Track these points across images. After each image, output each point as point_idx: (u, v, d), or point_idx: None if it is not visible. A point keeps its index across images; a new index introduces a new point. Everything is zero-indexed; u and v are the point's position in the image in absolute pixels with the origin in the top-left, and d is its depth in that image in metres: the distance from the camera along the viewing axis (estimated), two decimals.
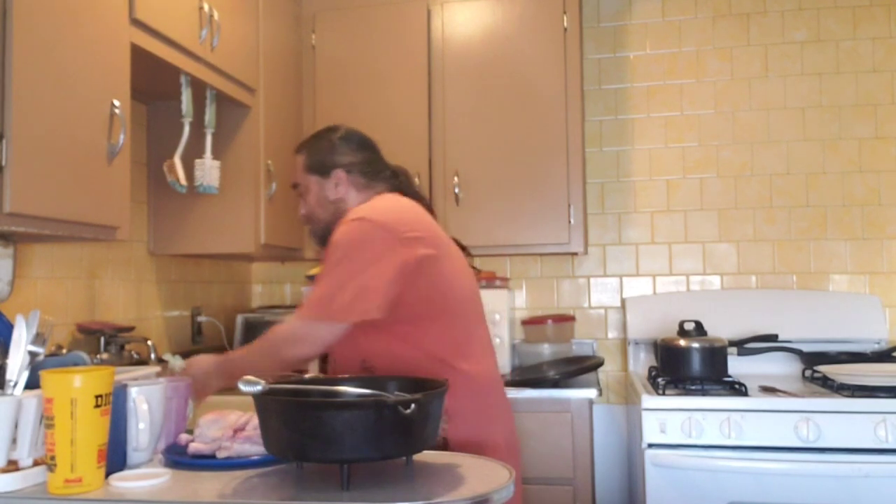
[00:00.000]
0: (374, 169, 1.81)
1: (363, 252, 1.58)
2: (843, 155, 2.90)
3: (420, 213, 1.72)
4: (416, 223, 1.66)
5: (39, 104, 1.48)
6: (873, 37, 2.90)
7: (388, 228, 1.59)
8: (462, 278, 1.72)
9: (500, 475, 1.18)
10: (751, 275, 2.95)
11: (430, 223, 1.72)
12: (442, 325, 1.65)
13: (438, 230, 1.73)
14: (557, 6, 2.70)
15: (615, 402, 3.01)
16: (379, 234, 1.59)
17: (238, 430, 1.32)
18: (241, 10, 2.34)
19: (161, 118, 2.45)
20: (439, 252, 1.65)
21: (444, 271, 1.65)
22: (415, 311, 1.61)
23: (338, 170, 1.78)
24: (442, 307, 1.64)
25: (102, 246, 2.24)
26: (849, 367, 2.39)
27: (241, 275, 3.17)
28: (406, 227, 1.61)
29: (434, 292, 1.63)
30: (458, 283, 1.69)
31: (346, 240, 1.60)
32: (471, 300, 1.73)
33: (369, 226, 1.60)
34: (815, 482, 2.12)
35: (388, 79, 2.79)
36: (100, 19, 1.67)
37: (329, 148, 1.80)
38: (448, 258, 1.69)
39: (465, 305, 1.70)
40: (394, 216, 1.64)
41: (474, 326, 1.73)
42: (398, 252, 1.57)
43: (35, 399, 1.18)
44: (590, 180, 3.03)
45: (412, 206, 1.74)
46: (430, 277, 1.62)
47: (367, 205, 1.69)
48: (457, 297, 1.68)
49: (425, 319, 1.63)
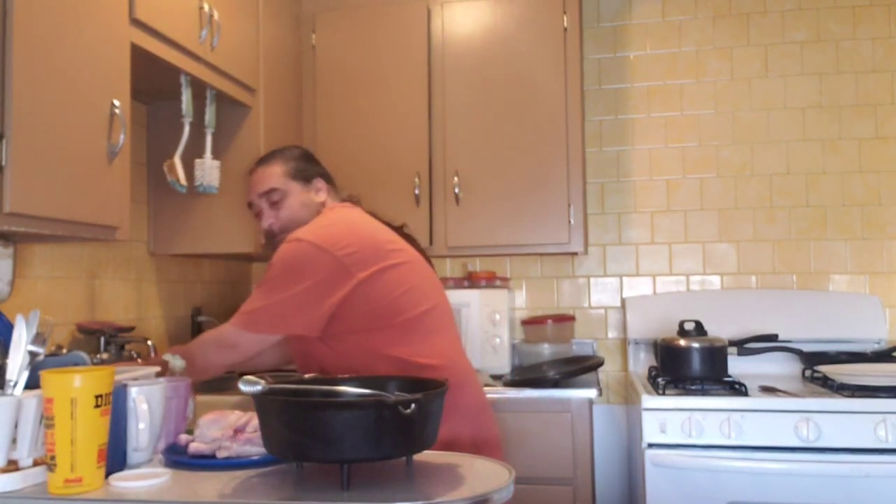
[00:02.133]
0: (330, 178, 2.00)
1: (298, 272, 1.67)
2: (843, 155, 2.90)
3: (357, 226, 1.79)
4: (356, 240, 1.71)
5: (39, 104, 1.48)
6: (873, 37, 2.90)
7: (325, 250, 1.67)
8: (415, 282, 1.75)
9: (500, 475, 1.18)
10: (751, 275, 2.95)
11: (366, 232, 1.77)
12: (396, 330, 1.70)
13: (375, 235, 1.77)
14: (557, 6, 2.70)
15: (615, 402, 3.01)
16: (316, 255, 1.67)
17: (238, 431, 1.32)
18: (241, 10, 2.34)
19: (161, 118, 2.45)
20: (382, 264, 1.71)
21: (388, 282, 1.70)
22: (362, 322, 1.69)
23: (318, 179, 1.95)
24: (391, 315, 1.70)
25: (102, 246, 2.24)
26: (849, 367, 2.39)
27: (241, 275, 3.17)
28: (343, 246, 1.68)
29: (379, 304, 1.69)
30: (409, 290, 1.73)
31: (285, 258, 1.70)
32: (428, 302, 1.76)
33: (308, 247, 1.68)
34: (815, 482, 2.12)
35: (388, 79, 2.79)
36: (100, 19, 1.67)
37: (307, 158, 1.99)
38: (394, 268, 1.73)
39: (421, 309, 1.74)
40: (333, 237, 1.70)
41: (435, 328, 1.76)
42: (333, 273, 1.66)
43: (35, 399, 1.18)
44: (590, 180, 3.03)
45: (357, 221, 1.81)
46: (372, 291, 1.68)
47: (310, 225, 1.78)
48: (409, 302, 1.72)
49: (377, 328, 1.69)
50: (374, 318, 1.69)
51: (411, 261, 1.80)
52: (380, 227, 1.84)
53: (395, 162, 2.77)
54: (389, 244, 1.78)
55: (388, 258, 1.73)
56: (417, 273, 1.79)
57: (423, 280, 1.79)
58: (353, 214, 1.86)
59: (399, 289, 1.71)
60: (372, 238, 1.76)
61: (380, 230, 1.82)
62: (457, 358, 1.80)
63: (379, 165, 2.78)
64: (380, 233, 1.80)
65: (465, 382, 1.75)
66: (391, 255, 1.75)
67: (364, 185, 2.79)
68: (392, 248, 1.77)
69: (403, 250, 1.80)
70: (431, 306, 1.77)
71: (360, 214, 1.88)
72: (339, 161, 2.81)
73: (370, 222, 1.84)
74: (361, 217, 1.86)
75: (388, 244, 1.77)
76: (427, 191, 2.74)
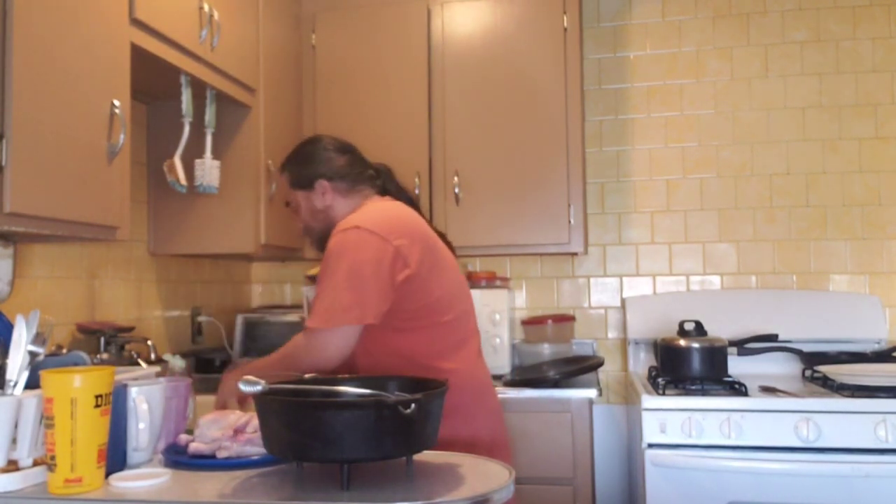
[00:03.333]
0: (355, 171, 1.84)
1: (357, 258, 1.61)
2: (843, 155, 2.90)
3: (408, 218, 1.74)
4: (405, 230, 1.67)
5: (39, 104, 1.48)
6: (873, 37, 2.90)
7: (380, 236, 1.63)
8: (450, 287, 1.73)
9: (500, 475, 1.18)
10: (751, 275, 2.95)
11: (417, 227, 1.73)
12: (426, 333, 1.68)
13: (425, 232, 1.74)
14: (557, 6, 2.70)
15: (615, 402, 3.01)
16: (372, 240, 1.62)
17: (238, 431, 1.32)
18: (241, 10, 2.34)
19: (161, 118, 2.45)
20: (427, 263, 1.67)
21: (428, 282, 1.67)
22: (396, 321, 1.65)
23: (320, 180, 1.82)
24: (424, 316, 1.67)
25: (102, 246, 2.24)
26: (849, 367, 2.39)
27: (241, 275, 3.17)
28: (398, 236, 1.64)
29: (417, 304, 1.66)
30: (444, 294, 1.71)
31: (339, 248, 1.64)
32: (456, 303, 1.74)
33: (365, 234, 1.63)
34: (815, 482, 2.12)
35: (389, 79, 2.79)
36: (100, 19, 1.67)
37: (307, 160, 1.85)
38: (434, 266, 1.70)
39: (452, 315, 1.72)
40: (385, 224, 1.66)
41: (462, 334, 1.75)
42: (392, 258, 1.62)
43: (35, 399, 1.18)
44: (590, 180, 3.03)
45: (400, 212, 1.75)
46: (413, 290, 1.65)
47: (358, 213, 1.72)
48: (443, 307, 1.70)
49: (409, 329, 1.67)
50: (407, 317, 1.66)
51: (450, 266, 1.77)
52: (426, 226, 1.79)
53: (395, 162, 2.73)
54: (429, 234, 1.74)
55: (427, 251, 1.69)
56: (452, 278, 1.76)
57: (456, 286, 1.77)
58: (393, 206, 1.79)
59: (436, 291, 1.68)
60: (416, 227, 1.71)
61: (417, 220, 1.76)
62: (479, 364, 1.79)
63: None
64: (419, 222, 1.75)
65: (486, 388, 1.77)
66: (429, 248, 1.71)
67: None
68: (431, 240, 1.73)
69: (438, 247, 1.76)
70: (461, 312, 1.75)
71: (409, 210, 1.80)
72: None
73: (409, 213, 1.77)
74: (400, 210, 1.78)
75: (428, 233, 1.74)
76: (427, 191, 2.74)
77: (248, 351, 2.89)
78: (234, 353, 2.87)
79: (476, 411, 1.73)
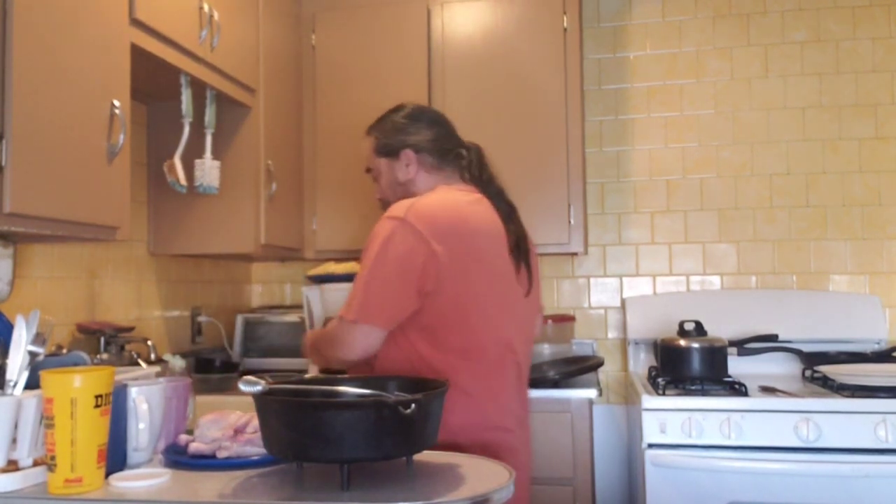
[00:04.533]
0: (444, 147, 1.73)
1: (394, 253, 1.53)
2: (843, 155, 2.90)
3: (458, 218, 1.59)
4: (448, 231, 1.55)
5: (39, 104, 1.48)
6: (873, 37, 2.90)
7: (422, 236, 1.53)
8: (485, 286, 1.60)
9: (500, 475, 1.18)
10: (751, 275, 2.95)
11: (463, 227, 1.58)
12: (450, 334, 1.57)
13: (473, 231, 1.60)
14: (557, 6, 2.70)
15: (615, 402, 3.01)
16: (410, 239, 1.53)
17: (238, 431, 1.32)
18: (241, 11, 2.34)
19: (161, 118, 2.45)
20: (460, 262, 1.55)
21: (457, 287, 1.55)
22: (428, 319, 1.56)
23: (407, 150, 1.72)
24: (456, 324, 1.57)
25: (102, 246, 2.24)
26: (849, 367, 2.39)
27: (241, 275, 3.17)
28: (440, 239, 1.53)
29: (449, 306, 1.56)
30: (478, 294, 1.58)
31: (381, 238, 1.55)
32: (491, 307, 1.60)
33: (408, 230, 1.54)
34: (815, 482, 2.12)
35: (388, 79, 2.79)
36: (100, 19, 1.67)
37: (397, 128, 1.75)
38: (471, 268, 1.57)
39: (482, 313, 1.59)
40: (431, 222, 1.55)
41: (488, 340, 1.60)
42: (424, 258, 1.52)
43: (35, 399, 1.18)
44: (590, 180, 3.03)
45: (458, 212, 1.60)
46: (445, 294, 1.55)
47: (417, 200, 1.60)
48: (473, 307, 1.58)
49: (437, 330, 1.57)
50: (441, 314, 1.56)
51: (492, 258, 1.61)
52: (476, 210, 1.63)
53: None
54: (477, 231, 1.60)
55: (464, 254, 1.56)
56: (488, 271, 1.61)
57: (491, 280, 1.61)
58: (451, 199, 1.63)
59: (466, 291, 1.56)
60: (462, 228, 1.58)
61: (469, 217, 1.61)
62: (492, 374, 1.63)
63: None
64: (470, 219, 1.60)
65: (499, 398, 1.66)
66: (469, 250, 1.57)
67: (364, 184, 2.78)
68: (478, 240, 1.59)
69: (486, 248, 1.61)
70: (495, 307, 1.60)
71: (456, 200, 1.63)
72: (339, 161, 2.82)
73: (464, 210, 1.61)
74: (455, 204, 1.62)
75: (476, 231, 1.60)
76: None
77: (248, 351, 2.89)
78: (234, 353, 2.88)
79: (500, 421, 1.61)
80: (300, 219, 2.81)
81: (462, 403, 1.55)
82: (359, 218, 2.79)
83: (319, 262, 2.76)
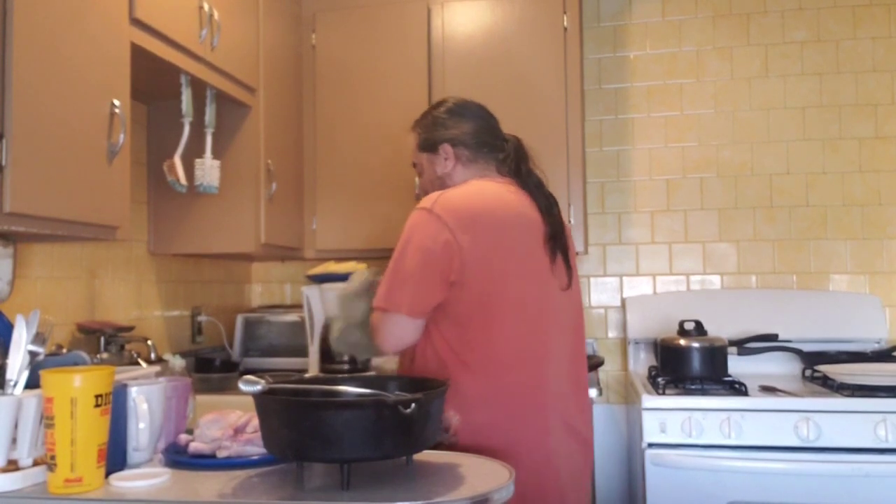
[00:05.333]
0: (480, 140, 1.74)
1: (420, 244, 1.55)
2: (843, 155, 2.90)
3: (485, 208, 1.59)
4: (473, 221, 1.56)
5: (39, 104, 1.48)
6: (873, 37, 2.90)
7: (448, 226, 1.54)
8: (512, 276, 1.58)
9: (500, 475, 1.18)
10: (751, 275, 2.95)
11: (490, 218, 1.58)
12: (480, 333, 1.56)
13: (502, 222, 1.59)
14: (557, 6, 2.70)
15: (615, 402, 3.01)
16: (434, 228, 1.55)
17: (238, 431, 1.32)
18: (241, 10, 2.34)
19: (161, 118, 2.45)
20: (485, 252, 1.55)
21: (483, 278, 1.55)
22: (455, 311, 1.57)
23: (445, 144, 1.73)
24: (483, 314, 1.56)
25: (102, 246, 2.24)
26: (849, 367, 2.39)
27: (240, 275, 3.17)
28: (464, 229, 1.54)
29: (475, 295, 1.56)
30: (505, 284, 1.58)
31: (410, 228, 1.58)
32: (519, 297, 1.58)
33: (434, 220, 1.55)
34: (815, 482, 2.12)
35: (389, 78, 2.79)
36: (100, 19, 1.67)
37: (437, 122, 1.76)
38: (498, 258, 1.57)
39: (509, 303, 1.57)
40: (457, 213, 1.56)
41: (517, 332, 1.58)
42: (448, 248, 1.53)
43: (35, 399, 1.18)
44: (590, 180, 3.03)
45: (481, 200, 1.60)
46: (470, 284, 1.55)
47: (449, 191, 1.62)
48: (498, 297, 1.57)
49: (465, 322, 1.57)
50: (468, 307, 1.56)
51: (523, 255, 1.61)
52: (507, 205, 1.62)
53: (395, 161, 2.77)
54: (508, 226, 1.59)
55: (491, 249, 1.56)
56: (517, 267, 1.59)
57: (522, 276, 1.60)
58: (487, 191, 1.63)
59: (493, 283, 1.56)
60: (489, 221, 1.57)
61: (497, 211, 1.60)
62: (525, 370, 1.60)
63: (379, 165, 2.78)
64: (497, 213, 1.60)
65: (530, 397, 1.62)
66: (497, 245, 1.57)
67: (364, 184, 2.79)
68: (508, 235, 1.59)
69: (517, 245, 1.60)
70: (528, 304, 1.59)
71: (490, 194, 1.63)
72: (339, 161, 2.82)
73: (496, 204, 1.61)
74: (486, 197, 1.61)
75: (507, 225, 1.59)
76: None
77: (248, 351, 2.89)
78: (234, 352, 2.88)
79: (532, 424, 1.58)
80: (300, 218, 2.81)
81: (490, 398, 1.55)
82: (359, 218, 2.79)
83: (319, 262, 2.76)
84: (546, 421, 1.59)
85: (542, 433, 1.58)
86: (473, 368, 1.55)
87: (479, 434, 1.53)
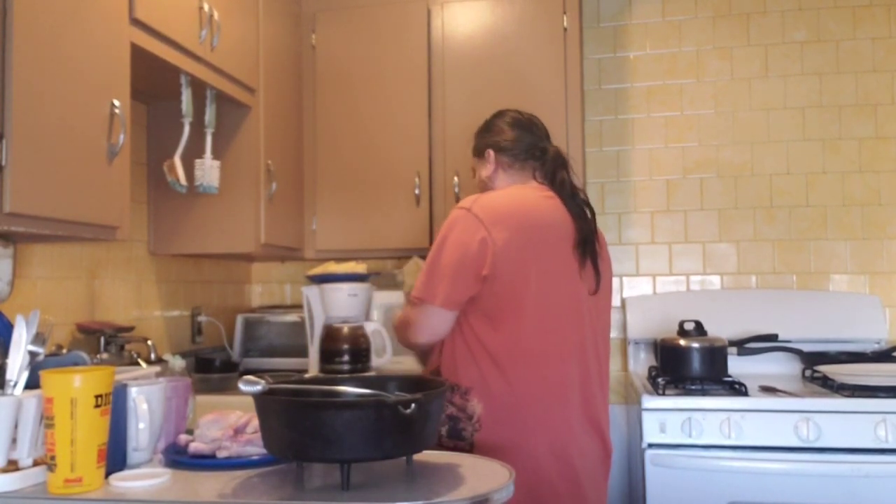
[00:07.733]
0: (520, 148, 1.84)
1: (456, 240, 1.65)
2: (843, 155, 2.90)
3: (519, 210, 1.68)
4: (506, 220, 1.65)
5: (39, 104, 1.48)
6: (873, 37, 2.90)
7: (483, 224, 1.64)
8: (541, 275, 1.66)
9: (500, 475, 1.18)
10: (751, 275, 2.95)
11: (523, 219, 1.67)
12: (507, 327, 1.64)
13: (534, 223, 1.68)
14: (557, 6, 2.70)
15: (615, 402, 3.00)
16: (471, 224, 1.65)
17: (238, 431, 1.32)
18: (241, 10, 2.34)
19: (161, 118, 2.45)
20: (517, 250, 1.64)
21: (512, 272, 1.63)
22: (485, 305, 1.66)
23: (489, 149, 1.87)
24: (511, 308, 1.64)
25: (102, 246, 2.24)
26: (849, 367, 2.39)
27: (240, 275, 3.17)
28: (501, 227, 1.64)
29: (504, 290, 1.64)
30: (534, 282, 1.65)
31: (448, 224, 1.70)
32: (545, 296, 1.66)
33: (470, 218, 1.66)
34: (815, 482, 2.12)
35: (388, 78, 2.79)
36: (100, 19, 1.67)
37: (487, 129, 1.91)
38: (528, 256, 1.65)
39: (535, 300, 1.64)
40: (493, 212, 1.66)
41: (543, 328, 1.65)
42: (481, 243, 1.63)
43: (35, 399, 1.18)
44: (590, 180, 3.03)
45: (515, 202, 1.70)
46: (501, 279, 1.63)
47: (476, 195, 1.74)
48: (526, 293, 1.64)
49: (494, 316, 1.65)
50: (495, 302, 1.65)
51: (555, 257, 1.68)
52: (542, 213, 1.71)
53: (395, 161, 2.77)
54: (544, 237, 1.68)
55: (521, 249, 1.64)
56: (549, 269, 1.67)
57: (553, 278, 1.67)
58: (521, 197, 1.73)
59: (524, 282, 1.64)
60: (523, 223, 1.66)
61: (530, 216, 1.69)
62: (549, 370, 1.67)
63: (379, 165, 2.78)
64: (532, 218, 1.69)
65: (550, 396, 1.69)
66: (535, 246, 1.66)
67: (364, 184, 2.79)
68: (542, 243, 1.67)
69: (551, 249, 1.68)
70: (556, 306, 1.67)
71: (525, 199, 1.72)
72: (339, 161, 2.82)
73: (531, 209, 1.70)
74: (538, 208, 1.71)
75: (542, 236, 1.68)
76: (427, 191, 2.74)
77: (248, 351, 2.89)
78: (234, 353, 2.88)
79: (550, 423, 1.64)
80: (300, 219, 2.81)
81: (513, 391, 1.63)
82: (359, 218, 2.79)
83: (319, 262, 2.76)
84: (569, 416, 1.65)
85: (565, 427, 1.64)
86: (500, 360, 1.63)
87: (501, 423, 1.61)
